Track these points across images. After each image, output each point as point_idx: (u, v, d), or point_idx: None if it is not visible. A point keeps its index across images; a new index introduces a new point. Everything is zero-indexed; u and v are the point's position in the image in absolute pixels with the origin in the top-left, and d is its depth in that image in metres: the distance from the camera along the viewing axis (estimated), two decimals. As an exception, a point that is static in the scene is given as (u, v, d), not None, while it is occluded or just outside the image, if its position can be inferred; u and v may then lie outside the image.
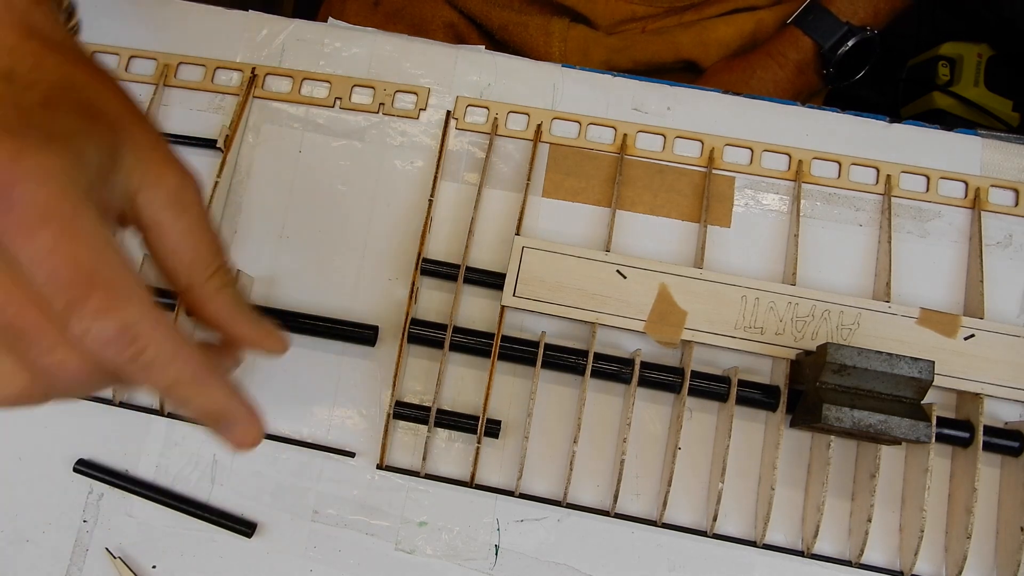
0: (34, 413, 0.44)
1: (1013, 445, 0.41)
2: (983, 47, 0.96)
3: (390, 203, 0.47)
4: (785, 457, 0.42)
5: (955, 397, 0.43)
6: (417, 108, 0.48)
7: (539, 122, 0.47)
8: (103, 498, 0.43)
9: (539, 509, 0.42)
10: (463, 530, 0.42)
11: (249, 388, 0.44)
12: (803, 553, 0.41)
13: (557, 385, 0.44)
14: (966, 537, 0.39)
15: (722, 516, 0.42)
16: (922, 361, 0.37)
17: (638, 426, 0.43)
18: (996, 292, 0.44)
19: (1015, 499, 0.40)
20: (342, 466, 0.43)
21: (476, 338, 0.43)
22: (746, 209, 0.46)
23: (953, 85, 0.96)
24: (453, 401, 0.44)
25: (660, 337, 0.43)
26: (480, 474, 0.43)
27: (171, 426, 0.44)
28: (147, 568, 0.42)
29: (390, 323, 0.45)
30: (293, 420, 0.44)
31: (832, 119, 0.47)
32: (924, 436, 0.36)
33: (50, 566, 0.42)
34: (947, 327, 0.42)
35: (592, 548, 0.42)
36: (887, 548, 0.42)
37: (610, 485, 0.42)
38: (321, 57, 0.49)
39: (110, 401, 0.43)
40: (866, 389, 0.38)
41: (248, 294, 0.45)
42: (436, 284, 0.45)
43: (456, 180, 0.47)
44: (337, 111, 0.48)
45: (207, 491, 0.43)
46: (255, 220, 0.47)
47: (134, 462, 0.43)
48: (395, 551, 0.42)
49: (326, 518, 0.42)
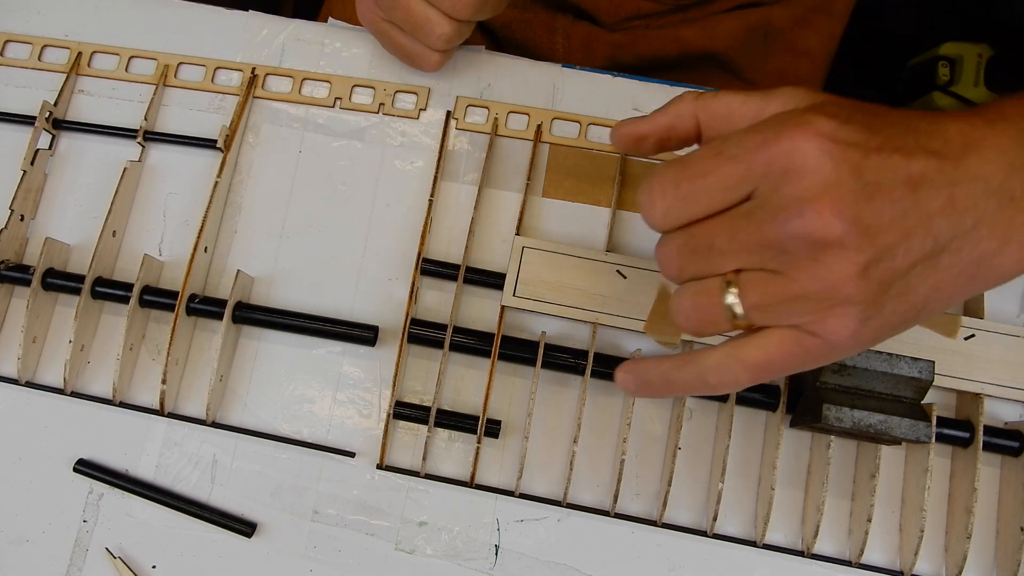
0: (34, 413, 0.44)
1: (1013, 445, 0.41)
2: (983, 47, 0.96)
3: (390, 203, 0.47)
4: (785, 457, 0.42)
5: (955, 397, 0.43)
6: (417, 108, 0.48)
7: (539, 122, 0.47)
8: (103, 498, 0.43)
9: (539, 509, 0.42)
10: (463, 530, 0.42)
11: (249, 388, 0.44)
12: (803, 553, 0.41)
13: (557, 385, 0.44)
14: (966, 537, 0.39)
15: (722, 516, 0.42)
16: (922, 361, 0.37)
17: (638, 426, 0.43)
18: (996, 292, 0.44)
19: (1015, 499, 0.40)
20: (342, 466, 0.43)
21: (476, 338, 0.43)
22: (746, 209, 0.46)
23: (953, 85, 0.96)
24: (453, 401, 0.44)
25: (660, 337, 0.43)
26: (480, 474, 0.43)
27: (171, 426, 0.44)
28: (147, 568, 0.42)
29: (390, 323, 0.45)
30: (293, 420, 0.44)
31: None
32: (924, 436, 0.36)
33: (50, 566, 0.42)
34: (947, 327, 0.42)
35: (592, 548, 0.42)
36: (887, 548, 0.42)
37: (610, 485, 0.42)
38: (321, 57, 0.49)
39: (110, 401, 0.43)
40: (866, 389, 0.38)
41: (248, 294, 0.45)
42: (436, 284, 0.45)
43: (456, 180, 0.47)
44: (337, 111, 0.48)
45: (207, 491, 0.43)
46: (255, 220, 0.47)
47: (134, 462, 0.43)
48: (395, 551, 0.42)
49: (326, 518, 0.43)
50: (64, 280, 0.43)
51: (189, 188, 0.47)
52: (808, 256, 0.26)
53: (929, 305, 0.28)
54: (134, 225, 0.47)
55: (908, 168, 0.26)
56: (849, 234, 0.26)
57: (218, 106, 0.49)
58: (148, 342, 0.45)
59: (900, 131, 0.27)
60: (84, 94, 0.49)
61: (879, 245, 0.26)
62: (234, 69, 0.49)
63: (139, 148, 0.48)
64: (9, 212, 0.45)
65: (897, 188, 0.26)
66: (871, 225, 0.26)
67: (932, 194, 0.26)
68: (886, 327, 0.28)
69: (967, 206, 0.27)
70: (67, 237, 0.46)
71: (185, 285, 0.42)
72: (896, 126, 0.27)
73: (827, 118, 0.27)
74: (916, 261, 0.27)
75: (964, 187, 0.27)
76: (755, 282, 0.28)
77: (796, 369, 0.29)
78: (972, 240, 0.27)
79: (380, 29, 0.47)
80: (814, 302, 0.27)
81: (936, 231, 0.26)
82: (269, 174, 0.47)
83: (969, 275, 0.27)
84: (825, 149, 0.26)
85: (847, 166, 0.26)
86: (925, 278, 0.27)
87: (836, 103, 0.28)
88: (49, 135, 0.48)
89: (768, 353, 0.28)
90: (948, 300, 0.28)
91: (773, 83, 0.63)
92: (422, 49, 0.46)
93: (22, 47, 0.50)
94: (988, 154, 0.27)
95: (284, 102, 0.48)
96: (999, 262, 0.27)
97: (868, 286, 0.26)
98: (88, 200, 0.47)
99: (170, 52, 0.49)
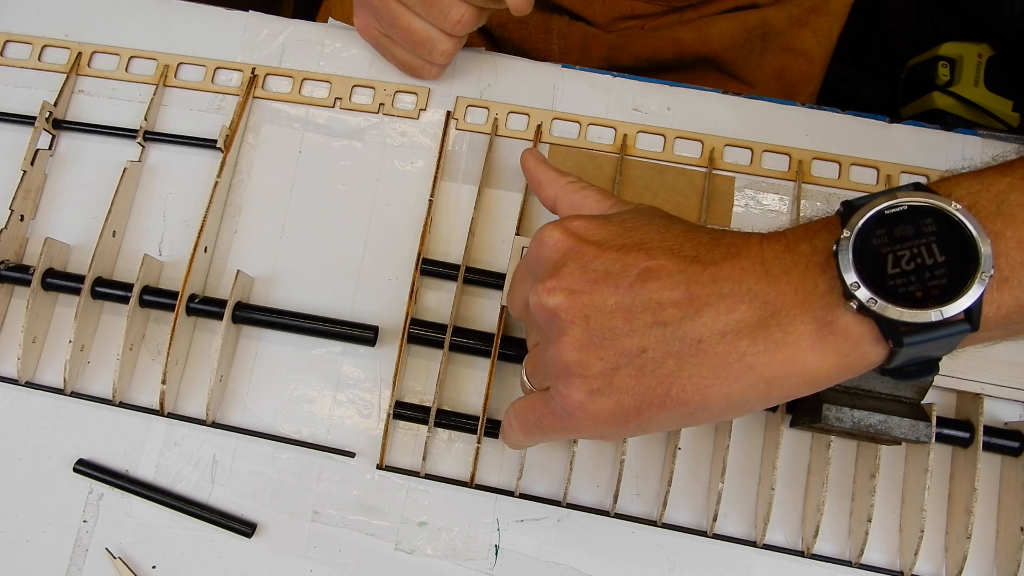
0: (34, 413, 0.44)
1: (1013, 445, 0.41)
2: (983, 47, 0.96)
3: (390, 203, 0.47)
4: (785, 457, 0.42)
5: (955, 397, 0.43)
6: (417, 108, 0.48)
7: (539, 122, 0.47)
8: (103, 498, 0.43)
9: (539, 509, 0.42)
10: (463, 530, 0.42)
11: (249, 388, 0.44)
12: (803, 553, 0.41)
13: (557, 385, 0.44)
14: (966, 537, 0.39)
15: (722, 516, 0.42)
16: (922, 361, 0.37)
17: (638, 426, 0.43)
18: (996, 292, 0.44)
19: (1015, 499, 0.40)
20: (342, 466, 0.43)
21: (476, 338, 0.43)
22: (746, 209, 0.46)
23: (953, 85, 0.96)
24: (453, 401, 0.44)
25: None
26: (480, 474, 0.43)
27: (171, 426, 0.44)
28: (147, 568, 0.42)
29: (390, 323, 0.45)
30: (293, 420, 0.44)
31: (832, 119, 0.47)
32: (924, 436, 0.36)
33: (50, 566, 0.42)
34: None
35: (592, 548, 0.42)
36: (887, 548, 0.42)
37: (610, 485, 0.42)
38: (321, 57, 0.49)
39: (110, 401, 0.43)
40: (866, 389, 0.38)
41: (248, 294, 0.45)
42: (436, 284, 0.45)
43: (456, 180, 0.47)
44: (337, 111, 0.48)
45: (207, 491, 0.43)
46: (255, 220, 0.47)
47: (134, 462, 0.43)
48: (395, 551, 0.42)
49: (326, 518, 0.42)
50: (64, 280, 0.44)
51: (189, 188, 0.47)
52: (551, 328, 0.30)
53: (678, 392, 0.28)
54: (134, 225, 0.47)
55: (646, 263, 0.29)
56: (567, 309, 0.29)
57: (218, 106, 0.49)
58: (148, 342, 0.45)
59: (668, 239, 0.30)
60: (84, 94, 0.49)
61: (598, 325, 0.29)
62: (234, 69, 0.49)
63: (139, 148, 0.48)
64: (9, 212, 0.45)
65: (625, 279, 0.29)
66: (590, 304, 0.29)
67: (665, 286, 0.28)
68: (623, 407, 0.29)
69: (712, 303, 0.28)
70: (67, 237, 0.46)
71: (185, 285, 0.42)
72: (673, 237, 0.30)
73: (585, 220, 0.32)
74: (646, 346, 0.28)
75: (709, 287, 0.28)
76: (530, 354, 0.34)
77: (552, 429, 0.32)
78: (720, 336, 0.28)
79: (379, 43, 0.47)
80: (551, 369, 0.31)
81: (666, 319, 0.28)
82: (269, 174, 0.47)
83: (720, 371, 0.28)
84: (564, 239, 0.31)
85: (577, 255, 0.30)
86: (662, 364, 0.28)
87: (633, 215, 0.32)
88: (49, 135, 0.48)
89: (524, 404, 0.33)
90: (705, 392, 0.28)
91: (770, 84, 0.63)
92: (423, 63, 0.46)
93: (22, 47, 0.50)
94: (744, 262, 0.28)
95: (284, 102, 0.48)
96: (756, 362, 0.27)
97: (588, 357, 0.29)
98: (88, 200, 0.47)
99: (170, 52, 0.49)
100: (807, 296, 0.27)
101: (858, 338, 0.27)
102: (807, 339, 0.27)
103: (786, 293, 0.27)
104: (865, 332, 0.26)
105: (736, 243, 0.29)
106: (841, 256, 0.26)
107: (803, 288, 0.27)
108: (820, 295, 0.27)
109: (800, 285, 0.27)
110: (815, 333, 0.27)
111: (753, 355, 0.27)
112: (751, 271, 0.28)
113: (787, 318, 0.27)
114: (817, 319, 0.27)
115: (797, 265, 0.28)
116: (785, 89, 0.63)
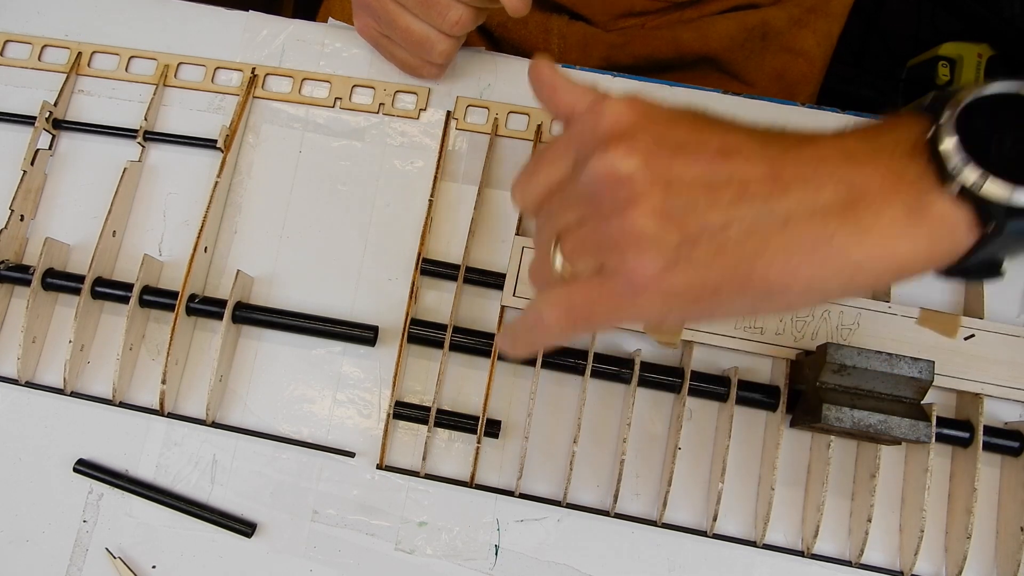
0: (34, 413, 0.44)
1: (1013, 445, 0.41)
2: (983, 47, 0.96)
3: (390, 203, 0.47)
4: (785, 457, 0.42)
5: (955, 397, 0.43)
6: (417, 108, 0.48)
7: (539, 122, 0.47)
8: (103, 498, 0.43)
9: (539, 509, 0.42)
10: (463, 530, 0.42)
11: (249, 388, 0.44)
12: (803, 553, 0.41)
13: (557, 385, 0.44)
14: (966, 537, 0.39)
15: (722, 516, 0.42)
16: (922, 361, 0.37)
17: (638, 426, 0.43)
18: (996, 292, 0.44)
19: (1015, 499, 0.40)
20: (342, 466, 0.43)
21: (476, 338, 0.43)
22: (746, 209, 0.46)
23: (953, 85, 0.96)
24: (453, 401, 0.44)
25: (660, 338, 0.43)
26: (480, 474, 0.43)
27: (171, 426, 0.44)
28: (147, 568, 0.42)
29: (390, 323, 0.45)
30: (293, 420, 0.44)
31: (832, 119, 0.47)
32: (924, 436, 0.36)
33: (50, 566, 0.42)
34: (947, 327, 0.42)
35: (592, 548, 0.42)
36: (887, 548, 0.42)
37: (610, 485, 0.42)
38: (321, 57, 0.49)
39: (110, 401, 0.43)
40: (866, 389, 0.38)
41: (248, 294, 0.45)
42: (436, 284, 0.45)
43: (456, 180, 0.47)
44: (337, 111, 0.48)
45: (207, 491, 0.43)
46: (255, 220, 0.47)
47: (134, 462, 0.43)
48: (395, 551, 0.42)
49: (326, 518, 0.42)
50: (64, 280, 0.44)
51: (189, 188, 0.47)
52: (609, 197, 0.27)
53: (762, 272, 0.26)
54: (134, 225, 0.47)
55: (723, 139, 0.27)
56: (646, 173, 0.26)
57: (218, 106, 0.49)
58: (148, 342, 0.45)
59: (737, 124, 0.28)
60: (84, 94, 0.49)
61: (679, 194, 0.26)
62: (234, 69, 0.49)
63: (139, 148, 0.48)
64: (9, 212, 0.45)
65: (706, 152, 0.27)
66: (671, 171, 0.27)
67: (748, 163, 0.27)
68: (701, 282, 0.27)
69: (798, 182, 0.26)
70: (67, 237, 0.46)
71: (185, 285, 0.42)
72: (742, 124, 0.28)
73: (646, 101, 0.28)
74: (729, 222, 0.26)
75: (792, 168, 0.27)
76: (570, 233, 0.29)
77: (606, 313, 0.28)
78: (809, 215, 0.26)
79: (379, 43, 0.47)
80: (615, 241, 0.27)
81: (752, 195, 0.26)
82: (269, 174, 0.47)
83: (807, 252, 0.26)
84: (628, 111, 0.28)
85: (645, 128, 0.27)
86: (744, 243, 0.26)
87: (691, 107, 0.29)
88: (49, 135, 0.48)
89: (567, 291, 0.29)
90: (790, 274, 0.27)
91: (770, 84, 0.63)
92: (422, 63, 0.46)
93: (22, 47, 0.50)
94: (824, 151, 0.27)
95: (284, 102, 0.48)
96: (846, 243, 0.26)
97: (666, 226, 0.26)
98: (88, 200, 0.47)
99: (170, 52, 0.49)
100: (896, 182, 0.26)
101: (953, 224, 0.26)
102: (898, 224, 0.26)
103: (873, 178, 0.26)
104: (961, 218, 0.26)
105: (811, 135, 0.28)
106: (946, 135, 0.25)
107: (891, 174, 0.26)
108: (909, 182, 0.26)
109: (887, 171, 0.26)
110: (905, 218, 0.26)
111: (843, 236, 0.26)
112: (833, 158, 0.27)
113: (876, 202, 0.26)
114: (907, 205, 0.26)
115: (881, 153, 0.27)
116: (785, 89, 0.63)
